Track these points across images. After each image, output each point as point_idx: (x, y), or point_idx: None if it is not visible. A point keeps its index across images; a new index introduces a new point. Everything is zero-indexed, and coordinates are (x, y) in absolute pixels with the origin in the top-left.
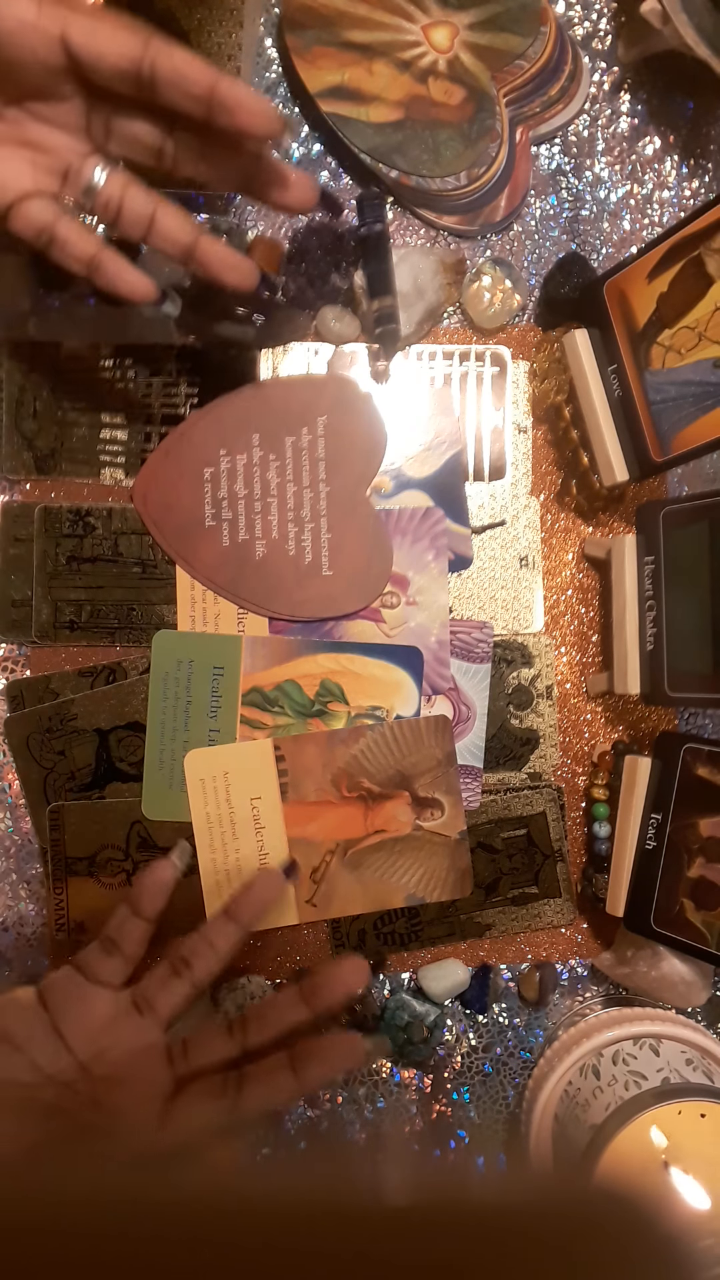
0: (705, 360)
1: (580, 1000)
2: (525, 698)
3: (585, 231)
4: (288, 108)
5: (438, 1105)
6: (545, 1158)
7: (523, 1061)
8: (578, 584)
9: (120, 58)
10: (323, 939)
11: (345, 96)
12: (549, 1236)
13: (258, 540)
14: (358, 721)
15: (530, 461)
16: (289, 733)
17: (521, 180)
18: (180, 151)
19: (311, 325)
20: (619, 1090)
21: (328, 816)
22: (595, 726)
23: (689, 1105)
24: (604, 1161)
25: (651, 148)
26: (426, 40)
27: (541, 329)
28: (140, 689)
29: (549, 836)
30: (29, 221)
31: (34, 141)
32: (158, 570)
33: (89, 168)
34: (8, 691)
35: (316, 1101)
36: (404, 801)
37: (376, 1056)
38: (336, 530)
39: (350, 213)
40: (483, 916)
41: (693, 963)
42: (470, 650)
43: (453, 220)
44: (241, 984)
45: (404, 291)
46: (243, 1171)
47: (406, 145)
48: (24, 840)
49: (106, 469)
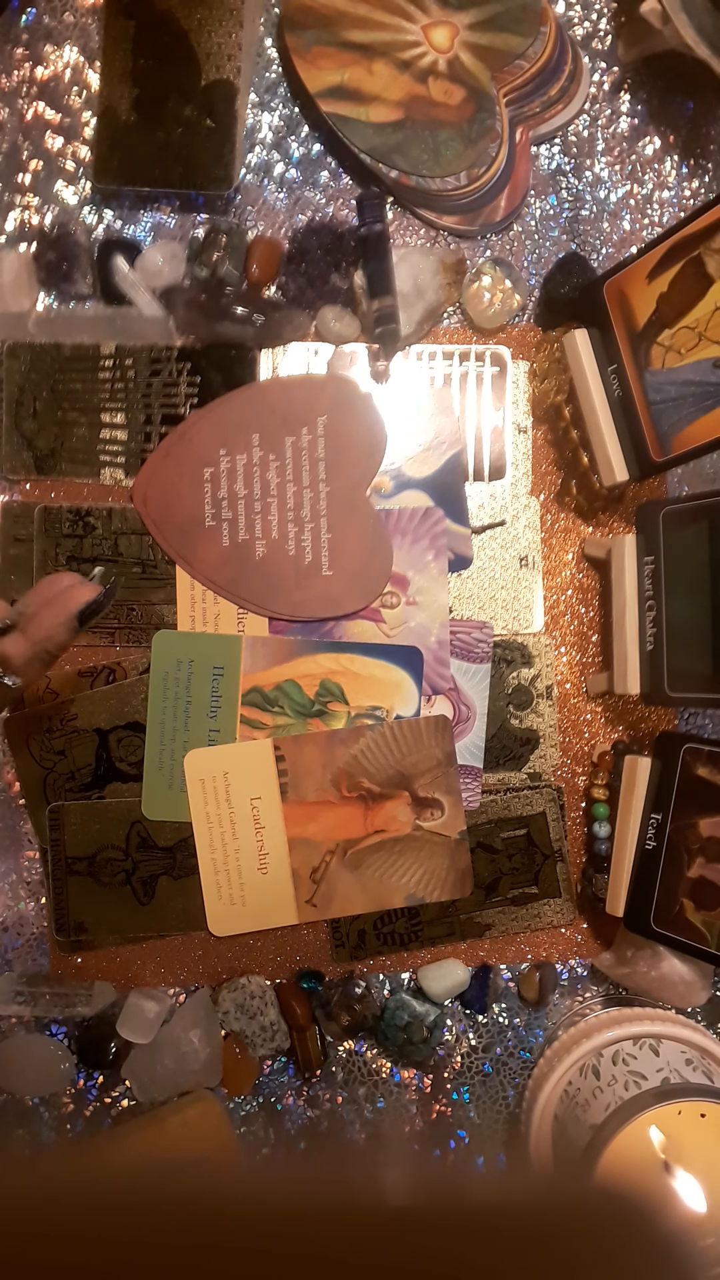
0: (705, 360)
1: (580, 1000)
2: (525, 698)
3: (585, 231)
4: (288, 108)
5: (438, 1105)
6: (545, 1158)
7: (523, 1061)
8: (578, 584)
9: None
10: (323, 939)
11: (345, 96)
12: (549, 1237)
13: (258, 540)
14: (358, 721)
15: (530, 461)
16: (289, 733)
17: (521, 180)
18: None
19: (311, 325)
20: (619, 1090)
21: (328, 816)
22: (595, 726)
23: (689, 1105)
24: (604, 1161)
25: (651, 148)
26: (426, 40)
27: (541, 329)
28: (140, 689)
29: (549, 836)
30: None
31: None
32: (158, 570)
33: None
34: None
35: (316, 1101)
36: (404, 801)
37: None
38: (336, 530)
39: (350, 213)
40: (483, 916)
41: (693, 963)
42: (470, 650)
43: (453, 220)
44: (242, 984)
45: (404, 291)
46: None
47: (406, 145)
48: (24, 840)
49: (106, 469)
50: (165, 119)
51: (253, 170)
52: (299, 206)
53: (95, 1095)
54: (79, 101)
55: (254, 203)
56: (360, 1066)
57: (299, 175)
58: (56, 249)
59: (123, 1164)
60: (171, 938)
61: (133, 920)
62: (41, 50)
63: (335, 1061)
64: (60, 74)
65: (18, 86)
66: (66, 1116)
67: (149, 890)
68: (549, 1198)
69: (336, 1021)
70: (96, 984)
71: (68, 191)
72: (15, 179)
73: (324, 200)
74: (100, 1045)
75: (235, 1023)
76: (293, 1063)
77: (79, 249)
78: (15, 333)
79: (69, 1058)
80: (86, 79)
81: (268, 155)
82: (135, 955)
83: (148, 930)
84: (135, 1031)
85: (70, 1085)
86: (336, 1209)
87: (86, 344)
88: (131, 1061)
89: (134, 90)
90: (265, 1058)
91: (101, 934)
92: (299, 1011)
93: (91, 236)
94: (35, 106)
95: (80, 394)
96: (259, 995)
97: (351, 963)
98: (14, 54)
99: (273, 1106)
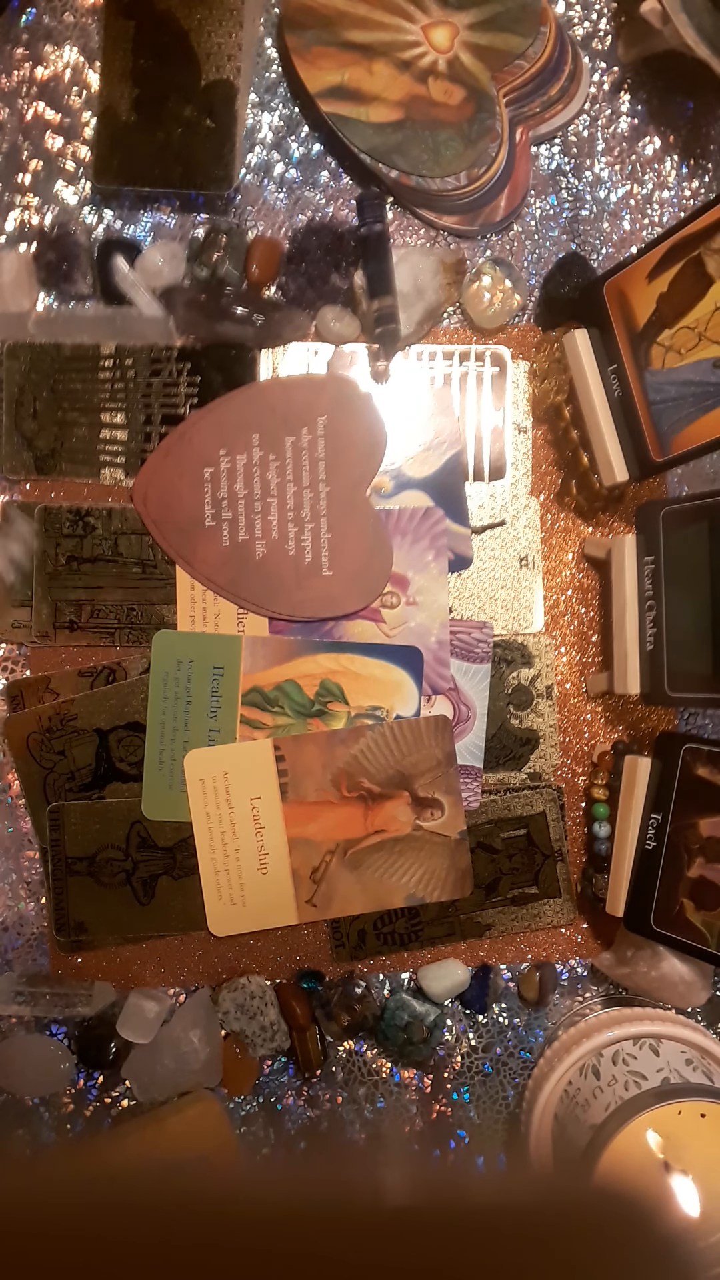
0: (705, 360)
1: (580, 1000)
2: (525, 698)
3: (585, 231)
4: (288, 107)
5: (438, 1105)
6: (545, 1158)
7: (523, 1061)
8: (578, 584)
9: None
10: (323, 939)
11: (345, 96)
12: (549, 1237)
13: (258, 540)
14: (358, 721)
15: (530, 461)
16: (289, 733)
17: (521, 180)
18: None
19: (311, 325)
20: (619, 1090)
21: (328, 816)
22: (595, 726)
23: (689, 1105)
24: (604, 1161)
25: (651, 148)
26: (426, 40)
27: (541, 329)
28: (140, 689)
29: (549, 836)
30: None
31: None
32: (158, 570)
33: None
34: (8, 691)
35: (316, 1101)
36: (404, 801)
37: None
38: (336, 530)
39: (350, 213)
40: (483, 916)
41: (693, 963)
42: (470, 650)
43: (453, 220)
44: (242, 984)
45: (404, 291)
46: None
47: (406, 145)
48: (24, 840)
49: (106, 469)
50: (165, 119)
51: (253, 170)
52: (299, 206)
53: (95, 1095)
54: (79, 101)
55: (254, 203)
56: (360, 1066)
57: (299, 175)
58: (56, 249)
59: (123, 1164)
60: (171, 938)
61: (133, 920)
62: (41, 50)
63: (335, 1061)
64: (60, 74)
65: (18, 86)
66: (66, 1116)
67: (149, 890)
68: (549, 1198)
69: (336, 1021)
70: (96, 984)
71: (68, 191)
72: (15, 179)
73: (324, 200)
74: (100, 1045)
75: (235, 1023)
76: (293, 1063)
77: (79, 249)
78: (15, 333)
79: (69, 1058)
80: (86, 79)
81: (268, 155)
82: (135, 955)
83: (148, 930)
84: (135, 1031)
85: (70, 1085)
86: (336, 1209)
87: (86, 344)
88: (131, 1061)
89: (134, 90)
90: (265, 1058)
91: (101, 934)
92: (299, 1011)
93: (91, 236)
94: (35, 106)
95: (80, 394)
96: (259, 995)
97: (351, 963)
98: (14, 54)
99: (273, 1106)
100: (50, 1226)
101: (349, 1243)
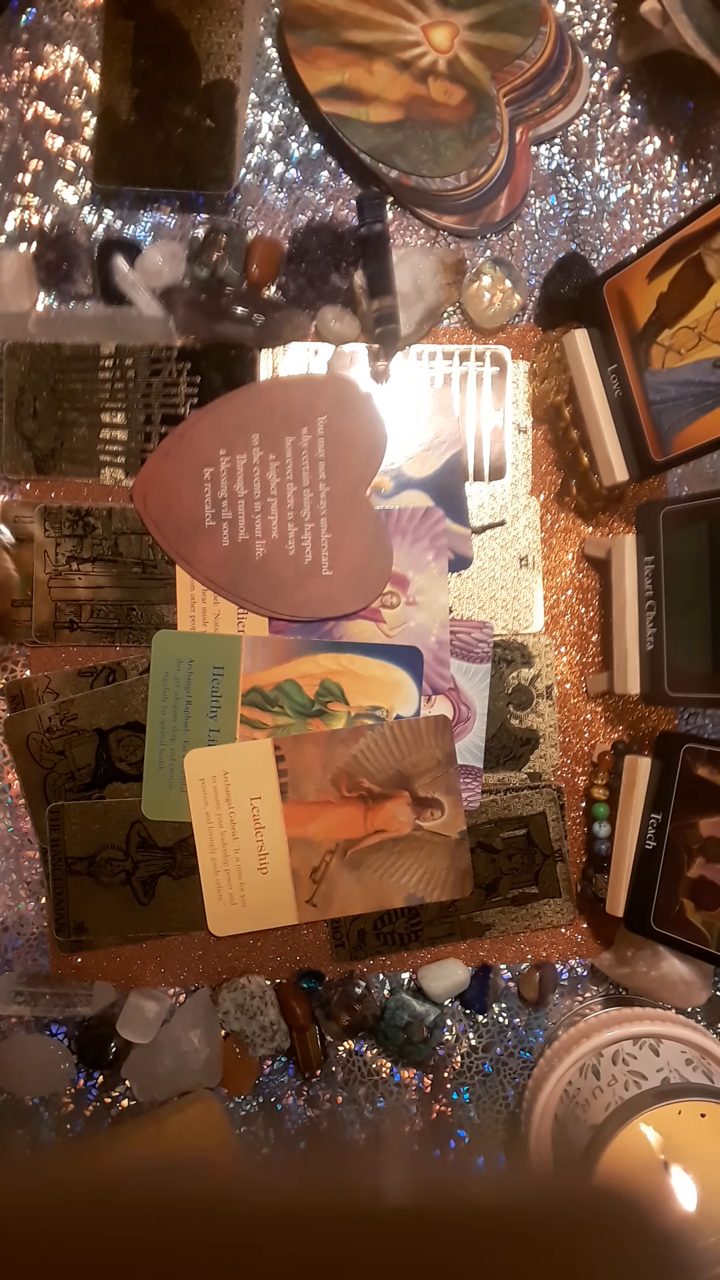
0: (705, 360)
1: (580, 1000)
2: (525, 698)
3: (585, 231)
4: (288, 107)
5: (438, 1105)
6: (545, 1158)
7: (523, 1061)
8: (578, 584)
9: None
10: (323, 939)
11: (345, 96)
12: (549, 1236)
13: (258, 540)
14: (358, 721)
15: (530, 461)
16: (289, 733)
17: (521, 180)
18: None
19: (311, 325)
20: (619, 1090)
21: (327, 816)
22: (595, 726)
23: (689, 1105)
24: (604, 1161)
25: (651, 148)
26: (426, 40)
27: (541, 329)
28: (140, 689)
29: (549, 836)
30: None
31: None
32: (158, 570)
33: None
34: (8, 691)
35: (316, 1101)
36: (404, 801)
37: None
38: (336, 530)
39: (350, 213)
40: (483, 916)
41: (693, 963)
42: (470, 650)
43: (453, 220)
44: (242, 984)
45: (404, 291)
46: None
47: (406, 145)
48: (24, 840)
49: (106, 469)
50: (165, 119)
51: (253, 170)
52: (299, 206)
53: (95, 1095)
54: (79, 101)
55: (254, 203)
56: (360, 1066)
57: (299, 175)
58: (56, 249)
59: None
60: (171, 938)
61: (133, 920)
62: (41, 50)
63: (335, 1061)
64: (60, 74)
65: (18, 86)
66: (66, 1116)
67: (149, 890)
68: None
69: (336, 1021)
70: (96, 984)
71: (68, 191)
72: (15, 179)
73: (324, 200)
74: (100, 1045)
75: (235, 1023)
76: (293, 1063)
77: (79, 249)
78: (15, 333)
79: (69, 1058)
80: (86, 79)
81: (268, 155)
82: (135, 955)
83: (148, 930)
84: (135, 1031)
85: (70, 1085)
86: (336, 1209)
87: (86, 344)
88: (131, 1061)
89: (134, 90)
90: (265, 1058)
91: (101, 934)
92: (299, 1011)
93: (91, 236)
94: (35, 106)
95: (80, 394)
96: (259, 995)
97: (351, 963)
98: (14, 54)
99: (273, 1106)
100: (50, 1226)
101: (349, 1243)
